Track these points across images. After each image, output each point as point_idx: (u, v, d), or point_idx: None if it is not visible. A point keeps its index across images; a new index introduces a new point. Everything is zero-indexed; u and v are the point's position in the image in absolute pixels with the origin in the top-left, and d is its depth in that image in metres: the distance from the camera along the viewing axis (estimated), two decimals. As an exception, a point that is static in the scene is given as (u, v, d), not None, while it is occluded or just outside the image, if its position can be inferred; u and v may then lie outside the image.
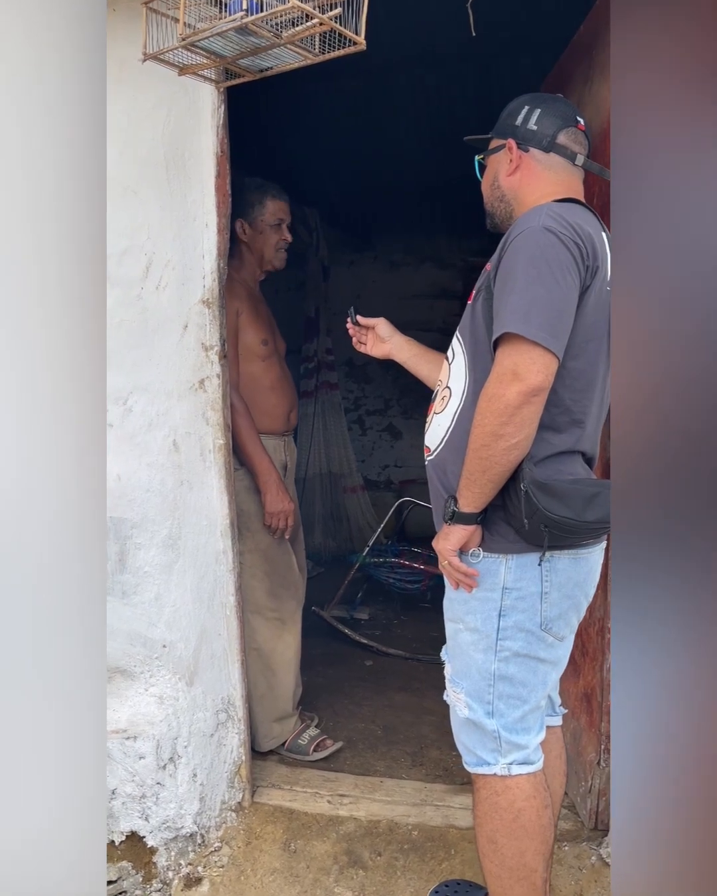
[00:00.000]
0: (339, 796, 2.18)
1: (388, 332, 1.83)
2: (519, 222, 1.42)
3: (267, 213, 2.29)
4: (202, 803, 2.02)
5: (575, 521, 1.37)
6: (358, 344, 1.88)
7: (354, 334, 1.87)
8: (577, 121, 1.54)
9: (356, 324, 1.85)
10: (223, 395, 1.94)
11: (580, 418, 1.46)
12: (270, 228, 2.30)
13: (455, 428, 1.50)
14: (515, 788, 1.51)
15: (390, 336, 1.83)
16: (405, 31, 2.68)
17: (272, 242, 2.31)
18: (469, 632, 1.51)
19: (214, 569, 2.01)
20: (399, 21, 2.37)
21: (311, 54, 1.29)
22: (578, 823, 2.05)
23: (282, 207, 2.32)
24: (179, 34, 1.26)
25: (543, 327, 1.31)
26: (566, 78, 2.13)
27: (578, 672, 2.09)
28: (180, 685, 1.99)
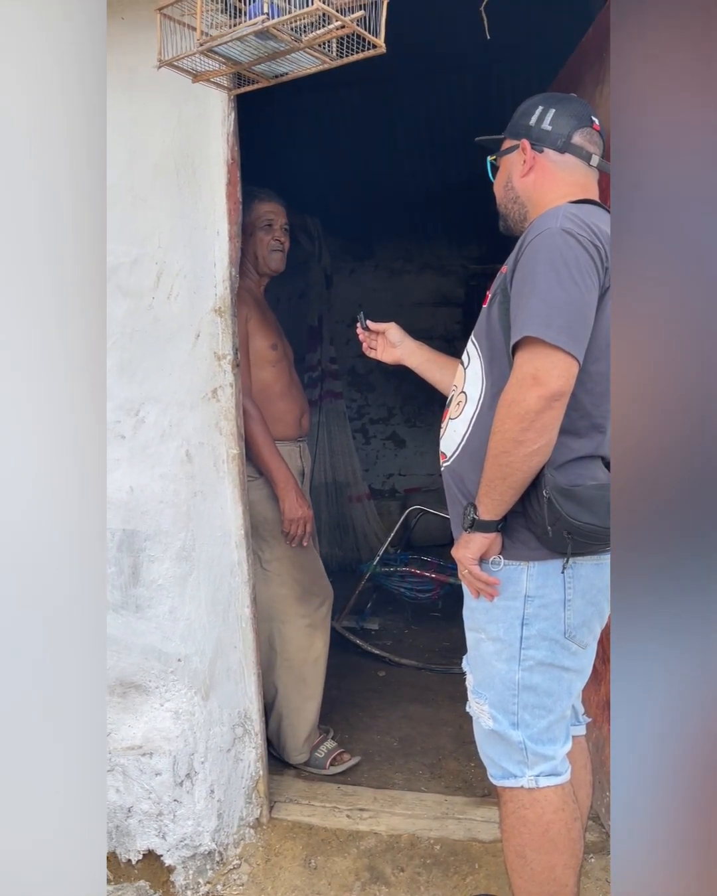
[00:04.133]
0: (358, 810, 2.14)
1: (399, 336, 1.81)
2: (536, 224, 1.40)
3: (254, 215, 2.27)
4: (220, 820, 1.98)
5: (600, 528, 1.35)
6: (368, 349, 1.85)
7: (364, 340, 1.85)
8: (592, 120, 1.52)
9: (366, 329, 1.83)
10: (236, 404, 1.92)
11: (601, 423, 1.43)
12: (260, 230, 2.29)
13: (472, 434, 1.47)
14: (543, 801, 1.48)
15: (401, 341, 1.81)
16: (406, 40, 2.68)
17: (264, 243, 2.29)
18: (492, 641, 1.48)
19: (229, 580, 1.98)
20: (399, 30, 2.38)
21: (328, 58, 1.28)
22: (603, 835, 2.01)
23: (271, 209, 2.30)
24: (197, 39, 1.24)
25: (563, 331, 1.29)
26: (576, 80, 2.12)
27: (599, 680, 2.06)
28: (196, 699, 1.96)
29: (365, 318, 1.82)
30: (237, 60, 1.32)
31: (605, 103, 1.91)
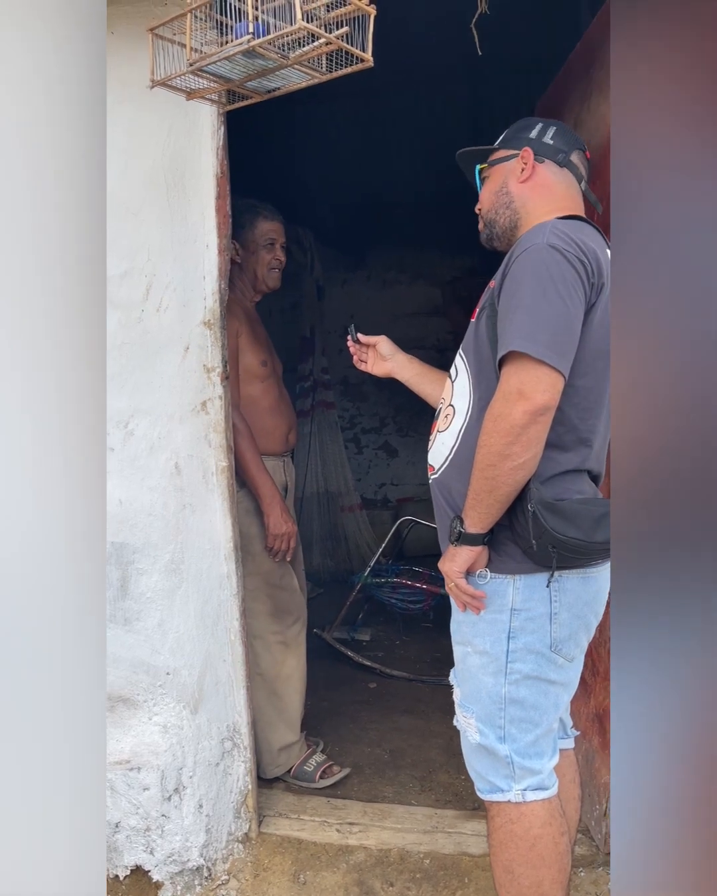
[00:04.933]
0: (348, 824, 2.13)
1: (390, 350, 1.81)
2: (523, 240, 1.41)
3: (258, 233, 2.28)
4: (208, 835, 1.97)
5: (584, 542, 1.35)
6: (358, 362, 1.85)
7: (355, 352, 1.85)
8: (585, 148, 1.58)
9: (357, 341, 1.83)
10: (226, 416, 1.92)
11: (588, 437, 1.44)
12: (262, 248, 2.30)
13: (460, 446, 1.48)
14: (530, 815, 1.47)
15: (392, 354, 1.81)
16: (397, 52, 2.70)
17: (265, 262, 2.30)
18: (478, 655, 1.48)
19: (218, 593, 1.97)
20: (391, 42, 2.40)
21: (318, 73, 1.29)
22: (593, 848, 2.01)
23: (274, 228, 2.32)
24: (187, 59, 1.25)
25: (549, 346, 1.30)
26: (564, 96, 2.14)
27: (589, 692, 2.06)
28: (185, 713, 1.95)
29: (355, 331, 1.83)
30: (228, 78, 1.32)
31: (592, 119, 1.92)
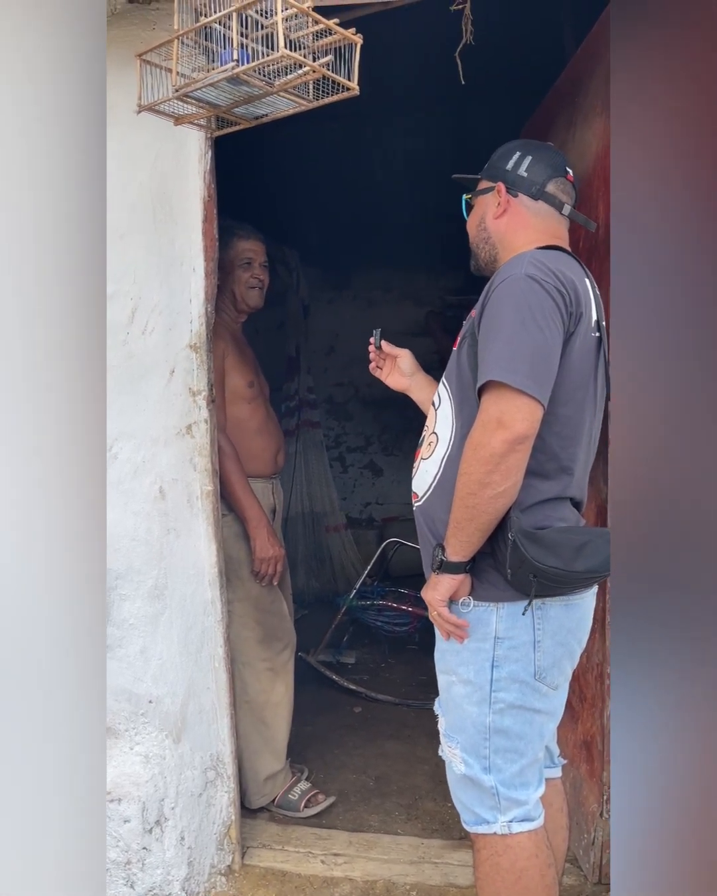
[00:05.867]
0: (333, 855, 2.09)
1: (411, 367, 1.79)
2: (502, 270, 1.42)
3: (234, 253, 2.26)
4: (190, 868, 1.92)
5: (564, 571, 1.35)
6: (375, 368, 1.83)
7: (374, 358, 1.82)
8: (566, 171, 1.56)
9: (379, 348, 1.80)
10: (211, 440, 1.90)
11: (568, 465, 1.44)
12: (239, 268, 2.27)
13: (443, 474, 1.47)
14: (516, 848, 1.45)
15: (413, 373, 1.79)
16: (384, 75, 2.72)
17: (243, 281, 2.28)
18: (462, 684, 1.46)
19: (202, 619, 1.95)
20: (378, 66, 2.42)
21: (305, 100, 1.29)
22: (581, 878, 1.98)
23: (251, 247, 2.29)
24: (174, 84, 1.25)
25: (528, 375, 1.30)
26: (549, 122, 2.16)
27: (576, 719, 2.05)
28: (167, 742, 1.91)
29: (380, 337, 1.79)
30: (214, 104, 1.32)
31: (577, 146, 1.94)
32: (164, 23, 1.81)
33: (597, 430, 1.53)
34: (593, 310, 1.44)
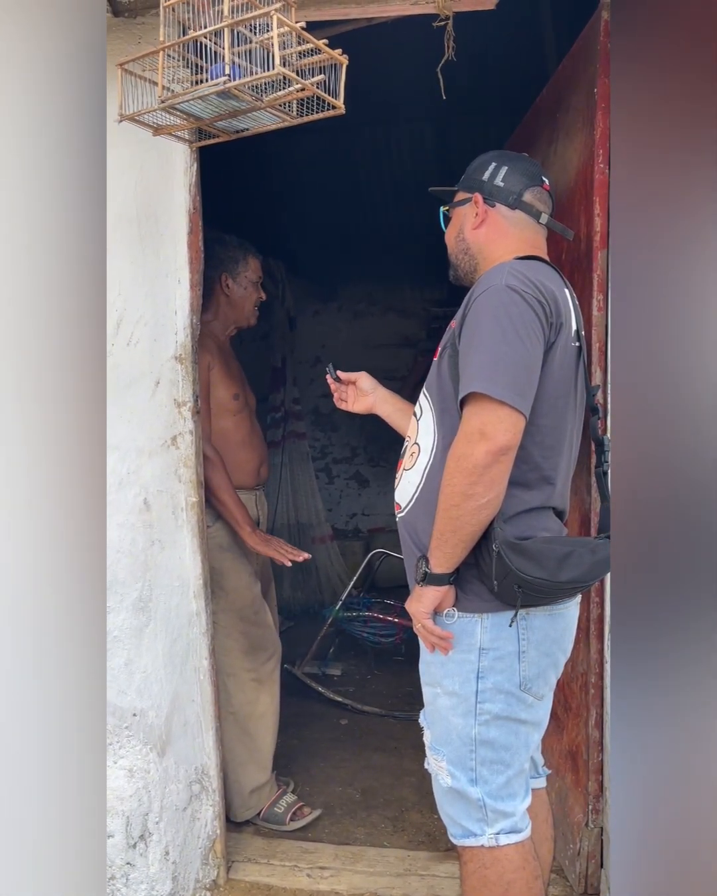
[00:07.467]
0: (319, 869, 2.08)
1: (370, 385, 1.80)
2: (482, 281, 1.42)
3: (250, 270, 2.30)
4: (175, 883, 1.91)
5: (549, 582, 1.35)
6: (339, 401, 1.84)
7: (335, 390, 1.83)
8: (542, 180, 1.57)
9: (337, 379, 1.81)
10: (196, 451, 1.90)
11: (550, 475, 1.45)
12: (252, 285, 2.32)
13: (425, 485, 1.48)
14: (503, 860, 1.45)
15: (373, 389, 1.80)
16: (367, 90, 2.75)
17: (253, 300, 2.33)
18: (447, 696, 1.46)
19: (187, 631, 1.94)
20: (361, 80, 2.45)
21: (289, 116, 1.30)
22: (567, 888, 1.98)
23: (259, 266, 2.35)
24: (159, 96, 1.25)
25: (508, 386, 1.30)
26: (531, 138, 2.18)
27: (562, 729, 2.05)
28: (152, 756, 1.90)
29: (334, 369, 1.81)
30: (198, 116, 1.33)
31: (559, 161, 1.96)
32: (149, 36, 1.82)
33: (578, 440, 1.55)
34: (572, 320, 1.45)
